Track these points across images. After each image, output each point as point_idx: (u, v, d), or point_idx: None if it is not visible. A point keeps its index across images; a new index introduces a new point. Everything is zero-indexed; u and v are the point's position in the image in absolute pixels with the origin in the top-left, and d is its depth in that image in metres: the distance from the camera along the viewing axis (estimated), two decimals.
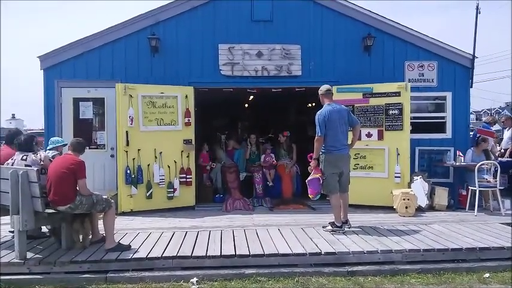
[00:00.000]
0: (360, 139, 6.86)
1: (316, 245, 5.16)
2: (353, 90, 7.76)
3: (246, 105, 12.26)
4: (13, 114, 72.76)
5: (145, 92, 7.43)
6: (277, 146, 8.67)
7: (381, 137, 7.52)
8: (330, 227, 5.86)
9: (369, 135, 7.57)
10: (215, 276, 4.65)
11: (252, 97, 9.66)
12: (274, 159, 8.17)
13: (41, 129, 17.66)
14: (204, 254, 4.89)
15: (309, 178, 5.95)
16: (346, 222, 5.95)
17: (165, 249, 5.06)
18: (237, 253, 4.92)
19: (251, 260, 4.83)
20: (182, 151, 7.61)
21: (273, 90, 8.38)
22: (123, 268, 4.75)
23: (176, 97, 7.65)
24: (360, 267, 4.81)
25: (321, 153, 5.86)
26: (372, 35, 8.04)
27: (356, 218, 6.63)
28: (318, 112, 5.92)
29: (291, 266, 4.82)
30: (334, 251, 4.97)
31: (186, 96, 7.71)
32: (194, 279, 4.57)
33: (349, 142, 6.16)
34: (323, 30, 8.19)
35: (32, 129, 21.22)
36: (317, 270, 4.75)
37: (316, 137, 5.82)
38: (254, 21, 8.11)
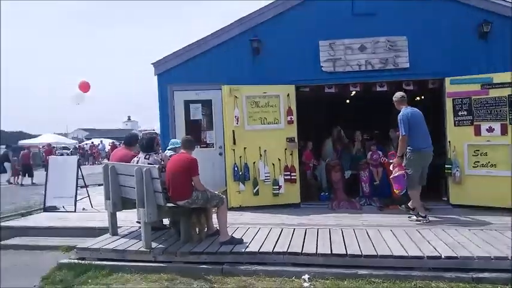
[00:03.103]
0: (479, 134, 6.72)
1: (435, 248, 4.84)
2: (469, 81, 7.13)
3: (348, 100, 11.98)
4: (129, 116, 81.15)
5: (249, 93, 7.65)
6: (386, 143, 8.31)
7: (504, 131, 6.78)
8: (415, 217, 6.27)
9: (490, 129, 6.88)
10: (327, 274, 4.61)
11: (354, 92, 9.44)
12: (383, 157, 7.83)
13: (153, 130, 19.32)
14: (315, 252, 4.88)
15: (394, 175, 6.29)
16: (414, 209, 6.36)
17: (275, 245, 5.15)
18: (348, 252, 4.82)
19: (364, 261, 4.70)
20: (286, 149, 7.69)
21: (378, 86, 8.06)
22: (237, 261, 4.95)
23: (278, 96, 7.76)
24: (486, 274, 4.40)
25: (409, 150, 6.21)
26: (489, 21, 7.30)
27: (477, 220, 6.12)
28: (401, 113, 6.32)
29: (406, 269, 4.59)
30: (455, 255, 4.62)
31: (288, 95, 7.77)
32: (306, 276, 4.57)
33: None
34: (431, 19, 7.67)
35: (146, 130, 23.17)
36: (437, 275, 4.45)
37: (400, 136, 6.25)
38: (355, 14, 7.88)
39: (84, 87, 11.77)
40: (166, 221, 6.32)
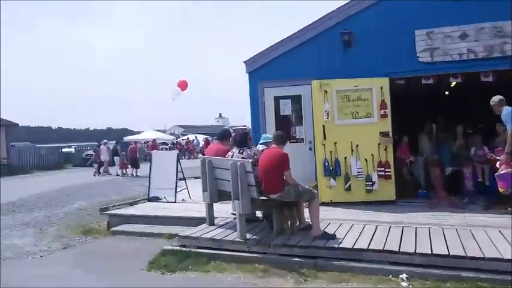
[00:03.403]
0: None
1: None
2: None
3: (447, 92, 11.17)
4: (220, 113, 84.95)
5: (340, 87, 7.50)
6: (492, 138, 7.59)
7: None
8: None
9: None
10: (426, 275, 4.39)
11: (454, 83, 8.80)
12: (489, 153, 7.16)
13: (243, 126, 19.97)
14: (413, 251, 4.67)
15: (500, 172, 5.94)
16: None
17: (370, 242, 5.03)
18: (450, 253, 4.54)
19: (468, 262, 4.40)
20: (379, 144, 7.41)
21: (482, 76, 7.43)
22: (330, 256, 4.92)
23: (370, 89, 7.48)
24: None
25: None
26: None
27: None
28: (504, 111, 6.02)
29: None
30: None
31: (381, 88, 7.47)
32: (404, 275, 4.41)
33: None
34: None
35: (236, 126, 23.95)
36: None
37: (509, 132, 5.89)
38: (455, 0, 7.31)
39: (183, 85, 12.51)
40: (258, 214, 6.49)
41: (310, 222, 5.59)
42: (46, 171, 23.87)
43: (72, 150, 31.06)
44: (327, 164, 7.41)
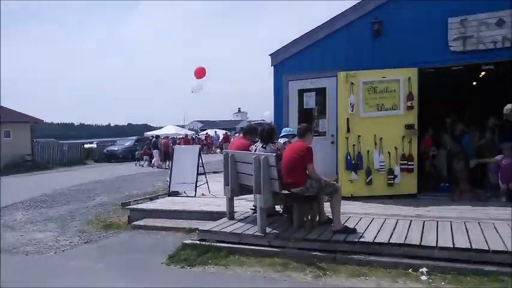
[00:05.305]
0: None
1: None
2: None
3: (475, 83, 10.77)
4: (239, 108, 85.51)
5: (367, 78, 7.34)
6: None
7: None
8: None
9: None
10: (447, 268, 4.31)
11: (483, 73, 8.47)
12: None
13: (261, 120, 20.03)
14: (434, 245, 4.59)
15: None
16: None
17: (390, 236, 4.97)
18: (473, 247, 4.44)
19: (491, 256, 4.31)
20: (403, 137, 7.27)
21: None
22: (350, 250, 4.87)
23: (398, 80, 7.29)
24: None
25: None
26: None
27: None
28: None
29: None
30: None
31: (409, 79, 7.25)
32: (424, 269, 4.34)
33: None
34: None
35: (255, 120, 23.94)
36: None
37: None
38: None
39: (199, 73, 12.09)
40: (278, 208, 6.48)
41: (330, 217, 5.55)
42: (68, 167, 24.03)
43: (94, 145, 31.40)
44: (349, 157, 7.32)
